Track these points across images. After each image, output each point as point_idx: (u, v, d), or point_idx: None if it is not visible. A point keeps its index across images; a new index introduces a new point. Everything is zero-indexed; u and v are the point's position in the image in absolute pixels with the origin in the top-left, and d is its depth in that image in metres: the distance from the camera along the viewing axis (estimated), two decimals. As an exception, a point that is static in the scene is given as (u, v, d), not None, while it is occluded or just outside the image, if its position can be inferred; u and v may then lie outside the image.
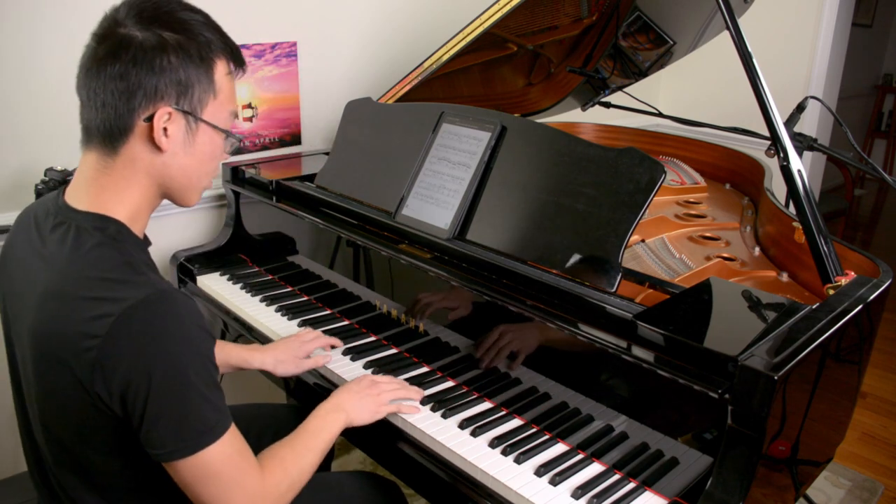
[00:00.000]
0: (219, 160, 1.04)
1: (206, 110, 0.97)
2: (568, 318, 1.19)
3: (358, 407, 1.21)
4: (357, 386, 1.26)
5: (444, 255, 1.42)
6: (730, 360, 0.98)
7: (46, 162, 1.71)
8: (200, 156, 0.99)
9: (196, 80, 0.94)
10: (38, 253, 0.96)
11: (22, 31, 1.68)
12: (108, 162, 0.95)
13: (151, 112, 0.92)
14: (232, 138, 1.02)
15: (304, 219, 1.72)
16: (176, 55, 0.91)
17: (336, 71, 2.30)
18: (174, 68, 0.92)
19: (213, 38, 0.96)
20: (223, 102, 0.99)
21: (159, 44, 0.91)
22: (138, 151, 0.95)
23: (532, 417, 1.25)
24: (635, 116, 2.20)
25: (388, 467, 1.34)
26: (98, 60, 0.91)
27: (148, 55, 0.90)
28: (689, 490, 1.05)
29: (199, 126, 0.97)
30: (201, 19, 0.96)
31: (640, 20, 2.05)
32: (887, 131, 6.21)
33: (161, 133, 0.93)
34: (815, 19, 3.03)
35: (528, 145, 1.42)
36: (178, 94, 0.93)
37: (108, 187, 0.96)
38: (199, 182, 1.02)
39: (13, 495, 1.25)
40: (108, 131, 0.93)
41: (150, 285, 0.89)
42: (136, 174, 0.96)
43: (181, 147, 0.96)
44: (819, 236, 1.28)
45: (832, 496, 2.31)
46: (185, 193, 1.02)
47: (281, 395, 2.17)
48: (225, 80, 0.98)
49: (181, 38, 0.92)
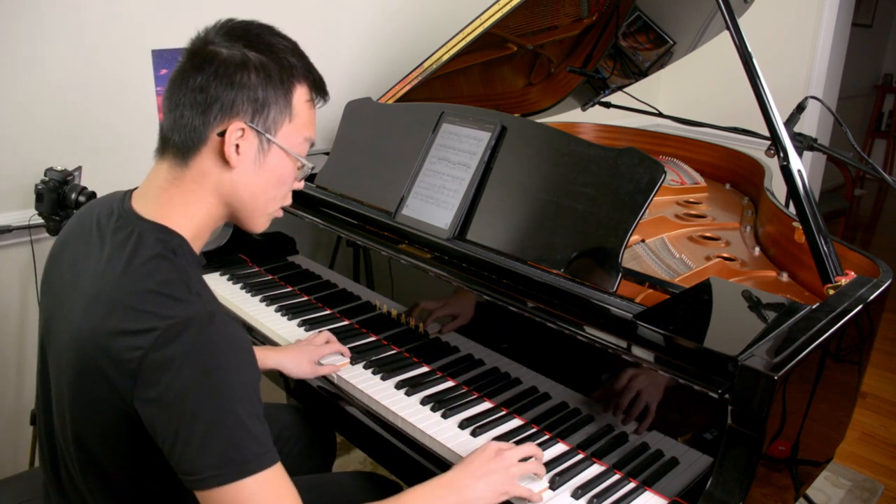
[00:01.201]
0: (289, 186, 1.01)
1: (280, 132, 0.96)
2: (568, 319, 1.19)
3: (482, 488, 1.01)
4: (480, 459, 1.04)
5: (444, 255, 1.42)
6: (730, 360, 0.99)
7: (46, 162, 1.71)
8: (269, 177, 0.98)
9: (273, 101, 0.94)
10: (96, 253, 0.95)
11: (22, 31, 1.68)
12: (178, 173, 0.95)
13: (225, 126, 0.92)
14: (305, 166, 1.01)
15: (304, 219, 1.72)
16: (257, 74, 0.92)
17: (336, 71, 2.30)
18: (253, 86, 0.92)
19: (298, 64, 0.97)
20: (299, 127, 0.98)
21: (242, 61, 0.92)
22: (209, 166, 0.94)
23: (532, 417, 1.25)
24: (635, 116, 2.20)
25: (388, 467, 1.34)
26: (183, 73, 0.93)
27: (229, 70, 0.91)
28: (689, 490, 1.05)
29: (270, 147, 0.96)
30: (289, 45, 0.98)
31: (640, 20, 2.05)
32: (887, 131, 6.21)
33: (232, 149, 0.93)
34: (815, 19, 3.03)
35: (528, 145, 1.42)
36: (254, 111, 0.93)
37: (175, 199, 0.95)
38: (266, 206, 1.00)
39: (13, 495, 1.25)
40: (182, 142, 0.93)
41: (202, 306, 0.88)
42: (204, 189, 0.96)
43: (251, 166, 0.95)
44: (819, 236, 1.28)
45: (832, 496, 2.31)
46: (251, 217, 1.00)
47: (281, 395, 2.17)
48: (304, 107, 0.98)
49: (264, 59, 0.93)
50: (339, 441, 1.73)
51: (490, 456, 1.05)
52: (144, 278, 0.89)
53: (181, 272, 0.90)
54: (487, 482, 1.01)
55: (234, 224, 1.01)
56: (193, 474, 0.84)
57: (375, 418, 1.30)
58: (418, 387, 1.35)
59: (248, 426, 0.85)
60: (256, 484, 0.85)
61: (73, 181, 1.66)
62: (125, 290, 0.88)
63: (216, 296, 1.78)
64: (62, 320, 0.96)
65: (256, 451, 0.86)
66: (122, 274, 0.90)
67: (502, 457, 1.05)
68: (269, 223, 1.04)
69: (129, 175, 1.62)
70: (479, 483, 1.01)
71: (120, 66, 1.84)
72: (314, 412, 1.57)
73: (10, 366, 1.86)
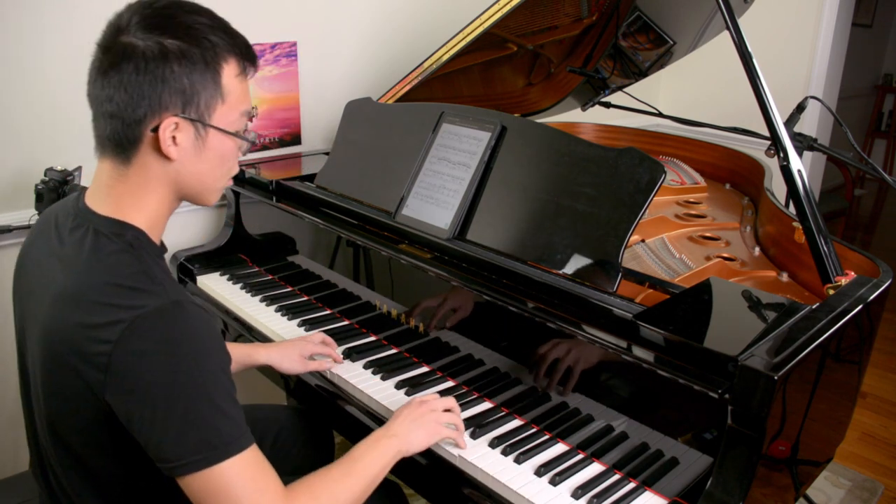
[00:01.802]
0: (233, 161, 1.01)
1: (215, 115, 0.94)
2: (568, 318, 1.19)
3: (414, 433, 1.11)
4: (406, 409, 1.16)
5: (444, 255, 1.42)
6: (730, 360, 0.98)
7: (46, 162, 1.70)
8: (213, 160, 0.97)
9: (202, 87, 0.92)
10: (56, 253, 0.95)
11: (23, 31, 1.68)
12: (122, 171, 0.94)
13: (157, 122, 0.91)
14: (244, 141, 1.00)
15: (304, 219, 1.72)
16: (179, 63, 0.89)
17: (336, 71, 2.30)
18: (177, 77, 0.89)
19: (219, 40, 0.93)
20: (233, 105, 0.96)
21: (161, 52, 0.88)
22: (150, 161, 0.93)
23: (532, 417, 1.25)
24: (635, 116, 2.20)
25: (388, 467, 1.34)
26: (103, 72, 0.90)
27: (150, 65, 0.88)
28: (689, 490, 1.05)
29: (208, 132, 0.94)
30: (206, 21, 0.93)
31: (640, 20, 2.05)
32: (887, 131, 6.21)
33: (169, 142, 0.91)
34: (815, 19, 3.03)
35: (528, 145, 1.42)
36: (184, 102, 0.91)
37: (125, 195, 0.95)
38: (216, 184, 1.01)
39: (13, 495, 1.25)
40: (118, 142, 0.92)
41: (166, 295, 0.88)
42: (150, 182, 0.95)
43: (192, 154, 0.94)
44: (819, 236, 1.28)
45: (832, 496, 2.31)
46: (202, 196, 1.01)
47: (281, 395, 2.17)
48: (234, 83, 0.96)
49: (183, 45, 0.89)
50: (339, 441, 1.73)
51: (416, 405, 1.16)
52: (106, 273, 0.89)
53: (142, 263, 0.91)
54: (421, 425, 1.12)
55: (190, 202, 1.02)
56: (172, 461, 0.86)
57: (375, 418, 1.30)
58: (418, 387, 1.35)
59: (223, 409, 0.87)
60: (236, 465, 0.87)
61: (73, 181, 1.66)
62: (88, 286, 0.89)
63: (216, 296, 1.79)
64: (32, 321, 0.97)
65: (233, 433, 0.87)
66: (83, 270, 0.90)
67: (428, 404, 1.16)
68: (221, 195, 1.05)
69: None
70: (414, 427, 1.12)
71: (120, 66, 1.84)
72: (313, 412, 1.57)
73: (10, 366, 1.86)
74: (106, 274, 0.89)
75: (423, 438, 1.12)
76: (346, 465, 1.02)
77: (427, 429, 1.13)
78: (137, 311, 0.85)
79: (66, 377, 0.90)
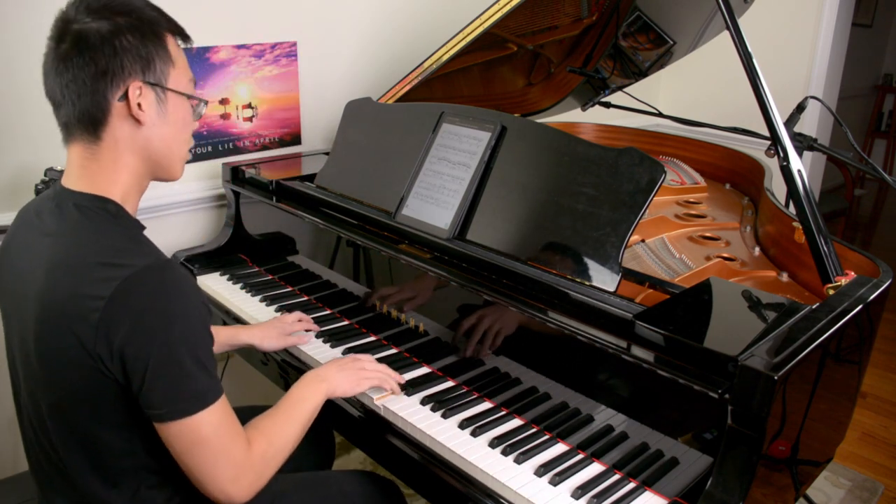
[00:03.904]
0: (191, 126, 1.09)
1: (170, 80, 1.03)
2: (568, 318, 1.19)
3: (339, 377, 1.25)
4: (339, 360, 1.31)
5: (444, 255, 1.42)
6: (730, 360, 0.98)
7: (46, 162, 1.71)
8: (174, 123, 1.05)
9: (155, 54, 1.00)
10: (43, 233, 1.01)
11: (23, 31, 1.68)
12: (93, 149, 1.01)
13: (124, 90, 0.98)
14: (199, 103, 1.09)
15: (304, 219, 1.72)
16: (132, 34, 0.98)
17: (336, 71, 2.30)
18: (134, 46, 0.98)
19: (158, 15, 1.03)
20: (181, 71, 1.05)
21: (115, 27, 0.97)
22: (119, 131, 1.00)
23: (532, 417, 1.25)
24: (635, 116, 2.20)
25: (387, 467, 1.34)
26: (63, 58, 0.97)
27: (107, 39, 0.96)
28: (689, 490, 1.05)
29: (167, 95, 1.02)
30: (142, 2, 1.03)
31: (640, 20, 2.05)
32: (887, 131, 6.21)
33: (137, 107, 0.99)
34: (815, 19, 3.03)
35: (528, 145, 1.42)
36: (143, 68, 0.99)
37: (98, 172, 1.01)
38: (180, 150, 1.08)
39: (13, 495, 1.25)
40: (88, 119, 0.99)
41: (154, 256, 0.97)
42: (122, 155, 1.02)
43: (157, 118, 1.02)
44: (819, 236, 1.28)
45: (832, 496, 2.31)
46: (169, 166, 1.07)
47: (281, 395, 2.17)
48: (178, 51, 1.05)
49: (131, 20, 0.98)
50: (339, 441, 1.73)
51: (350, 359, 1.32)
52: (95, 238, 0.96)
53: (127, 230, 1.00)
54: (347, 376, 1.26)
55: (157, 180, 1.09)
56: (159, 409, 0.94)
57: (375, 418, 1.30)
58: (418, 387, 1.35)
59: (203, 363, 0.96)
60: (213, 413, 0.96)
61: (73, 181, 1.66)
62: (79, 251, 0.95)
63: (216, 296, 1.79)
64: (25, 307, 1.00)
65: (210, 385, 0.97)
66: (72, 238, 0.97)
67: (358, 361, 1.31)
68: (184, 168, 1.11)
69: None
70: (339, 374, 1.26)
71: (120, 65, 1.84)
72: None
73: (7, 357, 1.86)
74: (95, 239, 0.96)
75: (346, 385, 1.26)
76: (290, 408, 1.15)
77: (351, 377, 1.27)
78: (129, 268, 0.92)
79: (62, 339, 0.94)
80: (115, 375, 0.94)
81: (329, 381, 1.23)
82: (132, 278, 0.92)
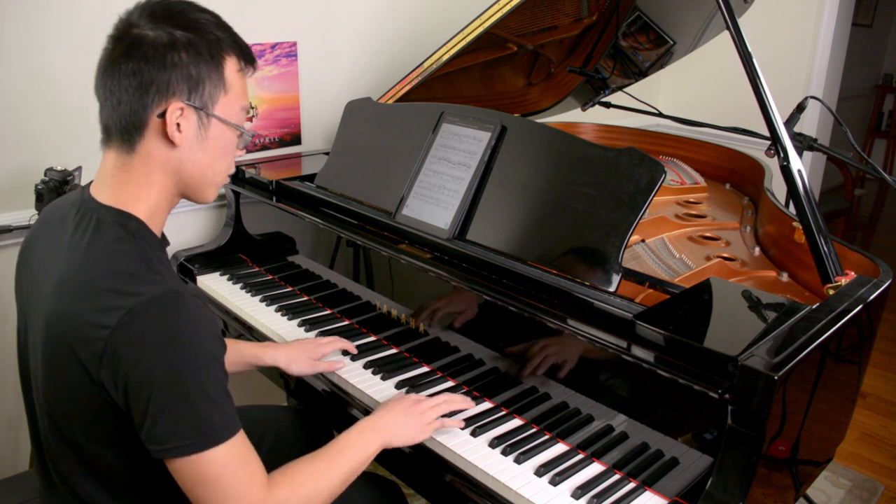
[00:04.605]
0: (232, 156, 1.05)
1: (218, 106, 0.98)
2: (568, 318, 1.19)
3: (398, 426, 1.14)
4: (399, 405, 1.18)
5: (444, 255, 1.42)
6: (730, 360, 0.98)
7: (46, 162, 1.71)
8: (213, 151, 1.00)
9: (206, 76, 0.96)
10: (60, 243, 0.98)
11: (25, 31, 1.68)
12: (126, 159, 0.97)
13: (164, 108, 0.94)
14: (245, 134, 1.04)
15: (304, 219, 1.72)
16: (186, 52, 0.94)
17: (336, 71, 2.30)
18: (185, 64, 0.94)
19: (223, 36, 0.98)
20: (234, 98, 1.00)
21: (170, 41, 0.93)
22: (154, 148, 0.97)
23: (532, 417, 1.25)
24: (635, 116, 2.20)
25: (388, 467, 1.34)
26: (113, 60, 0.94)
27: (159, 52, 0.92)
28: (689, 490, 1.05)
29: (210, 121, 0.98)
30: (212, 19, 0.99)
31: (640, 20, 2.05)
32: (887, 131, 6.21)
33: (174, 128, 0.95)
34: (815, 19, 3.03)
35: (528, 145, 1.42)
36: (190, 89, 0.95)
37: (127, 184, 0.98)
38: (214, 178, 1.03)
39: (13, 495, 1.25)
40: (124, 128, 0.95)
41: (165, 284, 0.91)
42: (153, 171, 0.98)
43: (194, 142, 0.98)
44: (819, 236, 1.28)
45: (832, 496, 2.31)
46: (200, 190, 1.03)
47: (281, 395, 2.17)
48: (236, 77, 1.00)
49: (191, 36, 0.94)
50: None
51: (408, 403, 1.18)
52: (107, 260, 0.92)
53: (142, 252, 0.94)
54: (405, 423, 1.15)
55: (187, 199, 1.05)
56: (160, 444, 0.89)
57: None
58: (418, 387, 1.35)
59: (214, 399, 0.90)
60: (222, 453, 0.90)
61: (73, 181, 1.66)
62: (88, 273, 0.92)
63: (216, 296, 1.79)
64: (36, 313, 0.99)
65: (222, 423, 0.91)
66: (84, 258, 0.94)
67: (420, 404, 1.18)
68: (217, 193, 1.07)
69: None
70: (397, 423, 1.14)
71: (120, 66, 1.84)
72: (313, 412, 1.57)
73: (10, 366, 1.86)
74: (107, 261, 0.92)
75: (407, 436, 1.15)
76: (330, 457, 1.05)
77: (413, 426, 1.15)
78: (136, 298, 0.88)
79: (66, 363, 0.92)
80: (118, 404, 0.91)
81: (385, 431, 1.12)
82: (138, 308, 0.87)
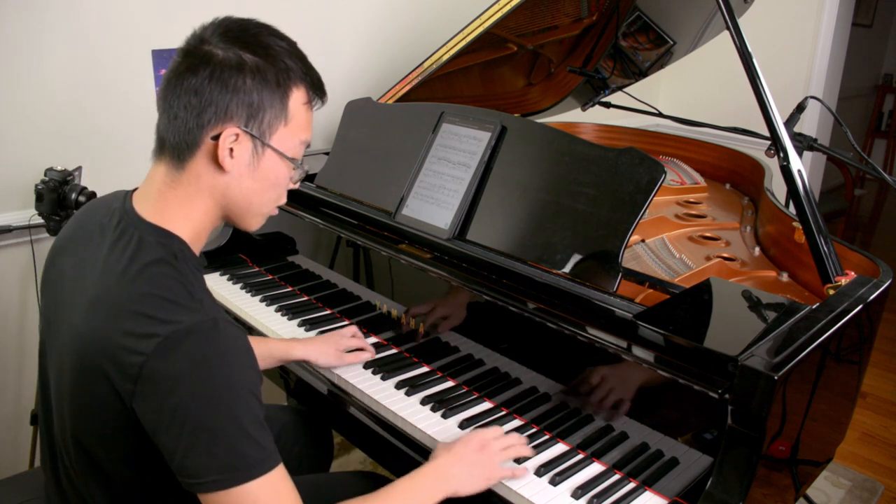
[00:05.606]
0: (283, 188, 1.01)
1: (275, 136, 0.95)
2: (568, 318, 1.19)
3: (467, 476, 1.06)
4: (465, 449, 1.09)
5: (444, 255, 1.42)
6: (730, 360, 0.99)
7: (46, 162, 1.71)
8: (263, 181, 0.97)
9: (269, 105, 0.93)
10: (97, 254, 0.95)
11: (24, 32, 1.68)
12: (174, 176, 0.95)
13: (219, 131, 0.91)
14: (299, 168, 1.00)
15: (304, 219, 1.72)
16: (252, 77, 0.91)
17: (336, 71, 2.30)
18: (248, 90, 0.91)
19: (295, 66, 0.95)
20: (294, 130, 0.97)
21: (238, 63, 0.91)
22: (203, 169, 0.94)
23: (532, 417, 1.25)
24: (635, 116, 2.20)
25: (388, 467, 1.35)
26: (178, 74, 0.92)
27: (225, 73, 0.90)
28: (689, 490, 1.05)
29: (265, 151, 0.95)
30: (286, 46, 0.96)
31: (640, 20, 2.05)
32: (887, 131, 6.21)
33: (226, 153, 0.92)
34: (815, 19, 3.03)
35: (528, 145, 1.42)
36: (249, 115, 0.92)
37: (173, 202, 0.95)
38: (261, 208, 1.01)
39: (13, 495, 1.25)
40: (177, 144, 0.93)
41: (203, 313, 0.88)
42: (199, 192, 0.95)
43: (245, 170, 0.95)
44: (819, 236, 1.28)
45: (832, 496, 2.31)
46: (245, 218, 1.01)
47: (281, 395, 2.17)
48: (300, 109, 0.97)
49: (260, 62, 0.92)
50: (339, 441, 1.73)
51: (475, 448, 1.09)
52: (147, 283, 0.89)
53: (183, 277, 0.90)
54: (473, 472, 1.07)
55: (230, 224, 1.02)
56: (194, 478, 0.85)
57: (375, 418, 1.30)
58: (418, 387, 1.35)
59: (249, 433, 0.86)
60: (258, 487, 0.86)
61: (73, 181, 1.66)
62: (127, 294, 0.88)
63: (216, 295, 1.79)
64: (64, 320, 0.96)
65: (258, 456, 0.87)
66: (123, 277, 0.90)
67: (487, 448, 1.10)
68: (265, 221, 1.04)
69: (128, 175, 1.62)
70: (466, 472, 1.06)
71: (120, 66, 1.84)
72: (312, 412, 1.57)
73: (10, 366, 1.86)
74: (146, 285, 0.89)
75: (475, 486, 1.07)
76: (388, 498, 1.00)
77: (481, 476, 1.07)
78: (173, 326, 0.85)
79: (96, 383, 0.89)
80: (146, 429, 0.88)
81: (452, 483, 1.05)
82: (176, 336, 0.84)
